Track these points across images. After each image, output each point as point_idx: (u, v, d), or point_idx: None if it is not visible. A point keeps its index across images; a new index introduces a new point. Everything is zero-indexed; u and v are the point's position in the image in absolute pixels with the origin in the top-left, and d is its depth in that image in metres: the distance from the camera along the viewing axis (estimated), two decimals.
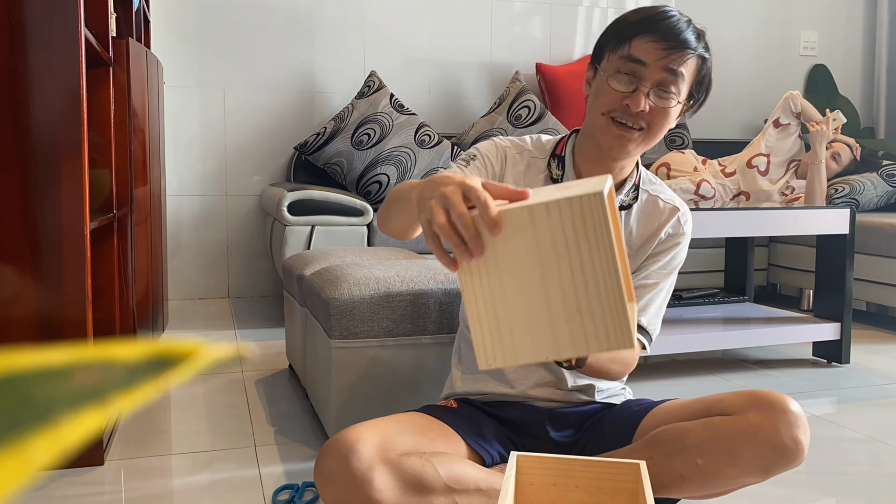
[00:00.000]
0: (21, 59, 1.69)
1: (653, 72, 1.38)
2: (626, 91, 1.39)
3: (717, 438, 1.34)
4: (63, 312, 1.75)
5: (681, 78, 1.39)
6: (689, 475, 1.36)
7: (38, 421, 0.23)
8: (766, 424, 1.30)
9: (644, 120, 1.40)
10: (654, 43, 1.38)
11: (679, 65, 1.38)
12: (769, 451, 1.30)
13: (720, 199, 3.62)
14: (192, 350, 0.27)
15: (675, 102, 1.41)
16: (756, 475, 1.33)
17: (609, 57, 1.43)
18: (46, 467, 0.23)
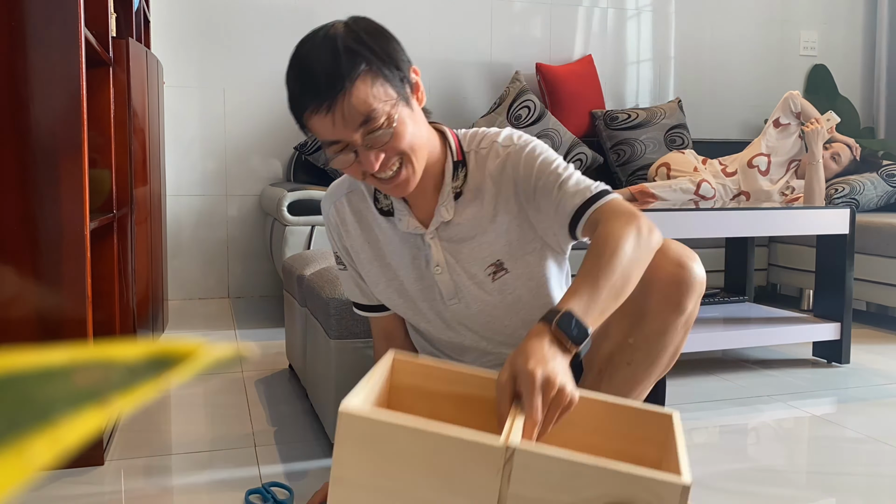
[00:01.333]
0: (21, 59, 1.69)
1: (349, 137, 1.26)
2: (351, 164, 1.30)
3: (628, 313, 1.37)
4: (63, 312, 1.76)
5: (373, 112, 1.25)
6: (630, 358, 1.43)
7: (39, 421, 0.23)
8: (653, 272, 1.34)
9: (393, 158, 1.30)
10: (321, 117, 1.25)
11: (358, 112, 1.24)
12: (666, 289, 1.36)
13: (720, 199, 3.62)
14: (192, 350, 0.27)
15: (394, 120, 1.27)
16: (674, 314, 1.39)
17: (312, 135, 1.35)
18: (47, 467, 0.22)
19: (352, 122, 1.24)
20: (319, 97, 1.23)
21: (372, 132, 1.26)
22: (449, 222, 1.44)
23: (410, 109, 1.32)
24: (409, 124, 1.31)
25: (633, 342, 1.42)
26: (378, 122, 1.25)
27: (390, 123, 1.27)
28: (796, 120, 3.67)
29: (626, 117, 4.18)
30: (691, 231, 2.47)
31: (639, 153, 4.12)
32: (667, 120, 4.23)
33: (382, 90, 1.26)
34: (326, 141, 1.28)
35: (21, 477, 0.22)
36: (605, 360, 1.46)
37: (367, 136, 1.26)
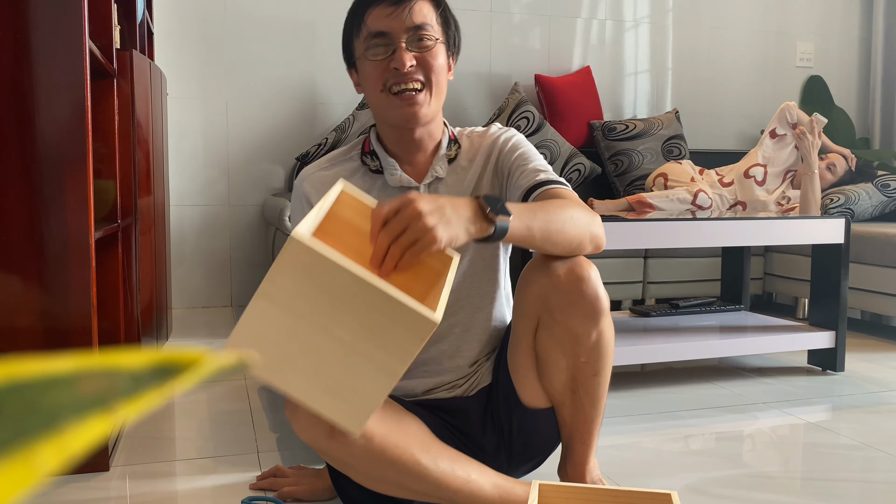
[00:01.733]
0: (26, 71, 1.71)
1: (398, 33, 1.43)
2: (386, 58, 1.44)
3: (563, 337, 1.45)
4: (68, 321, 1.77)
5: (426, 27, 1.44)
6: (595, 370, 1.48)
7: (45, 428, 0.23)
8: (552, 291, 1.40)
9: (419, 74, 1.44)
10: (382, 9, 1.43)
11: (417, 18, 1.44)
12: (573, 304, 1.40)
13: (717, 209, 3.65)
14: (195, 358, 0.27)
15: (437, 41, 1.46)
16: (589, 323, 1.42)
17: (357, 46, 1.49)
18: (53, 473, 0.23)
19: (407, 22, 1.42)
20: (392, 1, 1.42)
21: (421, 39, 1.44)
22: (442, 179, 1.56)
23: (448, 60, 1.50)
24: (444, 63, 1.48)
25: (585, 360, 1.47)
26: (427, 35, 1.45)
27: (434, 44, 1.46)
28: (792, 130, 3.70)
29: (624, 128, 4.21)
30: (688, 240, 2.50)
31: (636, 163, 4.15)
32: (664, 131, 4.26)
33: (440, 23, 1.48)
34: (373, 32, 1.43)
35: (28, 483, 0.22)
36: (571, 384, 1.51)
37: (412, 41, 1.43)
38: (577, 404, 1.52)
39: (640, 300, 3.89)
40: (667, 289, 3.83)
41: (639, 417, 2.30)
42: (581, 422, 1.53)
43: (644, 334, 2.69)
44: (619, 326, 2.83)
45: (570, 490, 1.21)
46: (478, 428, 1.62)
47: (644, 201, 3.56)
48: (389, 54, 1.43)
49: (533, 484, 1.21)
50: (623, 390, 2.59)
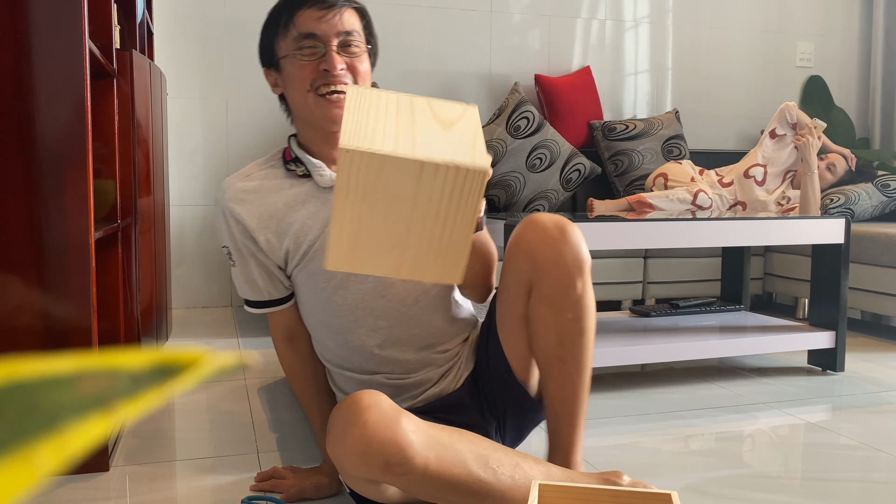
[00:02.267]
0: (26, 70, 1.71)
1: (329, 36, 1.47)
2: (316, 59, 1.47)
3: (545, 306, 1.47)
4: (68, 321, 1.77)
5: (354, 35, 1.50)
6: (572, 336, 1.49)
7: (45, 428, 0.23)
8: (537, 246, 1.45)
9: (347, 78, 1.49)
10: (313, 12, 1.47)
11: (346, 25, 1.49)
12: (548, 260, 1.44)
13: (717, 209, 3.65)
14: (195, 358, 0.27)
15: (362, 50, 1.52)
16: (574, 272, 1.45)
17: (282, 45, 1.51)
18: (52, 473, 0.23)
19: (338, 27, 1.48)
20: (322, 4, 1.48)
21: (346, 44, 1.49)
22: None
23: (367, 60, 1.55)
24: (369, 70, 1.54)
25: (572, 317, 1.49)
26: (355, 41, 1.51)
27: (362, 52, 1.52)
28: (792, 131, 3.70)
29: (624, 128, 4.21)
30: (688, 240, 2.50)
31: (636, 164, 4.15)
32: (664, 131, 4.26)
33: (365, 34, 1.54)
34: (304, 33, 1.47)
35: (28, 483, 0.22)
36: (556, 350, 1.51)
37: (342, 45, 1.49)
38: (563, 374, 1.51)
39: (640, 300, 3.89)
40: (667, 289, 3.83)
41: (639, 417, 2.30)
42: (569, 396, 1.52)
43: (644, 334, 2.69)
44: (620, 326, 2.83)
45: (570, 490, 1.21)
46: (477, 415, 1.63)
47: (644, 201, 3.56)
48: (320, 56, 1.47)
49: (533, 484, 1.21)
50: (623, 390, 2.59)
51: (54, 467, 0.22)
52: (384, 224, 1.10)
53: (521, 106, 4.02)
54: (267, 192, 1.58)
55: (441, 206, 1.09)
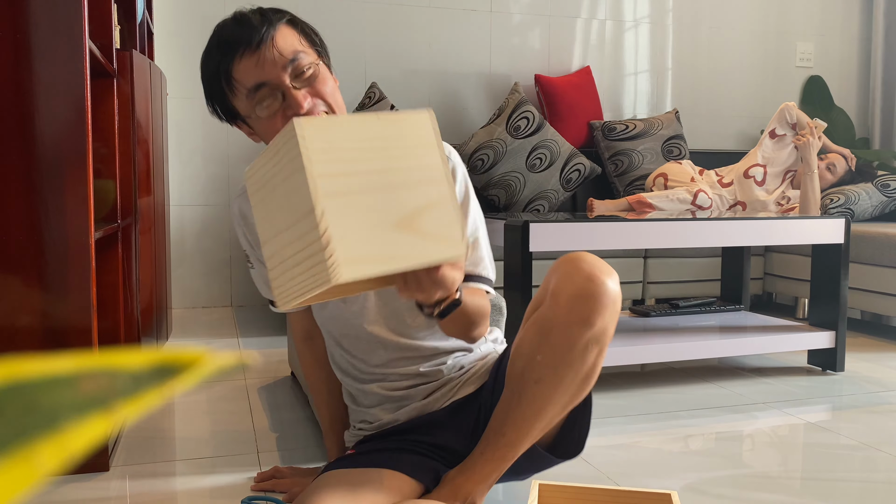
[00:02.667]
0: (26, 71, 1.71)
1: (278, 76, 1.32)
2: (280, 108, 1.34)
3: (538, 327, 1.36)
4: (68, 321, 1.77)
5: (299, 54, 1.34)
6: (539, 376, 1.36)
7: (45, 428, 0.23)
8: (562, 279, 1.33)
9: (319, 106, 1.36)
10: (247, 59, 1.32)
11: (286, 52, 1.33)
12: (573, 300, 1.32)
13: (717, 209, 3.65)
14: (195, 358, 0.27)
15: (318, 65, 1.37)
16: (581, 329, 1.32)
17: (238, 104, 1.38)
18: (53, 473, 0.23)
19: (280, 59, 1.32)
20: (249, 37, 1.32)
21: (299, 72, 1.33)
22: None
23: (331, 74, 1.40)
24: (332, 80, 1.39)
25: (541, 359, 1.36)
26: (304, 63, 1.34)
27: (317, 69, 1.36)
28: (792, 131, 3.70)
29: (624, 128, 4.21)
30: (688, 240, 2.50)
31: (636, 164, 4.15)
32: (664, 131, 4.26)
33: (306, 42, 1.38)
34: (254, 87, 1.33)
35: (28, 483, 0.22)
36: (517, 379, 1.40)
37: (295, 76, 1.33)
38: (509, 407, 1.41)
39: (640, 300, 3.89)
40: (667, 289, 3.83)
41: (639, 417, 2.31)
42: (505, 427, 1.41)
43: (644, 334, 2.69)
44: (620, 326, 2.83)
45: (569, 490, 1.21)
46: (454, 438, 1.52)
47: (644, 201, 3.56)
48: (281, 101, 1.33)
49: (533, 484, 1.20)
50: (623, 390, 2.59)
51: (54, 467, 0.22)
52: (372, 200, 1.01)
53: (521, 106, 4.02)
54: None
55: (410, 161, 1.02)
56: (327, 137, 0.99)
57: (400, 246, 1.00)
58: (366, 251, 0.97)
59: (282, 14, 1.37)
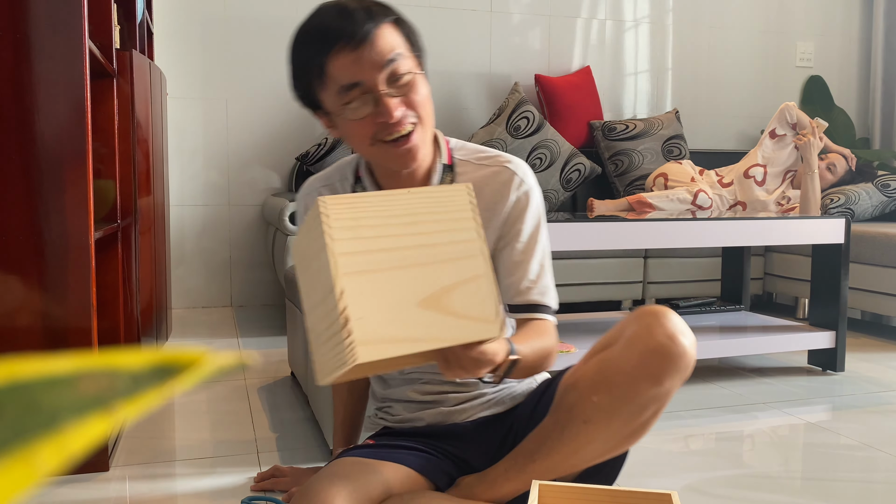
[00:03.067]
0: (26, 70, 1.71)
1: (373, 78, 1.26)
2: (370, 113, 1.28)
3: (602, 368, 1.32)
4: (68, 321, 1.77)
5: (398, 58, 1.27)
6: (590, 416, 1.32)
7: (45, 428, 0.23)
8: (641, 332, 1.28)
9: (410, 117, 1.30)
10: (346, 55, 1.25)
11: (386, 52, 1.26)
12: (648, 353, 1.27)
13: (717, 209, 3.65)
14: (195, 358, 0.27)
15: (416, 73, 1.30)
16: (648, 384, 1.28)
17: (324, 98, 1.32)
18: (53, 473, 0.23)
19: (378, 60, 1.25)
20: (351, 32, 1.25)
21: (395, 77, 1.27)
22: None
23: (425, 80, 1.33)
24: (427, 90, 1.33)
25: (597, 400, 1.31)
26: (402, 68, 1.28)
27: (414, 76, 1.29)
28: (792, 131, 3.70)
29: (624, 128, 4.21)
30: (688, 240, 2.50)
31: (636, 164, 4.15)
32: (664, 131, 4.26)
33: (407, 43, 1.31)
34: (347, 85, 1.27)
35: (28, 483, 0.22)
36: (565, 412, 1.36)
37: (391, 82, 1.27)
38: (548, 434, 1.37)
39: (640, 300, 3.89)
40: (667, 289, 3.83)
41: None
42: (537, 454, 1.38)
43: None
44: None
45: (570, 490, 1.21)
46: (474, 452, 1.49)
47: (644, 201, 3.56)
48: (372, 106, 1.27)
49: (533, 484, 1.20)
50: None
51: (54, 467, 0.22)
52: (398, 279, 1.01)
53: (521, 106, 4.02)
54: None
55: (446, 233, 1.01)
56: (354, 215, 0.99)
57: (426, 326, 0.99)
58: (387, 332, 0.96)
59: (388, 12, 1.30)
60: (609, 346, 1.35)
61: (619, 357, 1.30)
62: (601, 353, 1.35)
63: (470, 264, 1.04)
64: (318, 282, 1.00)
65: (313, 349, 1.04)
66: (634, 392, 1.29)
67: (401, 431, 1.52)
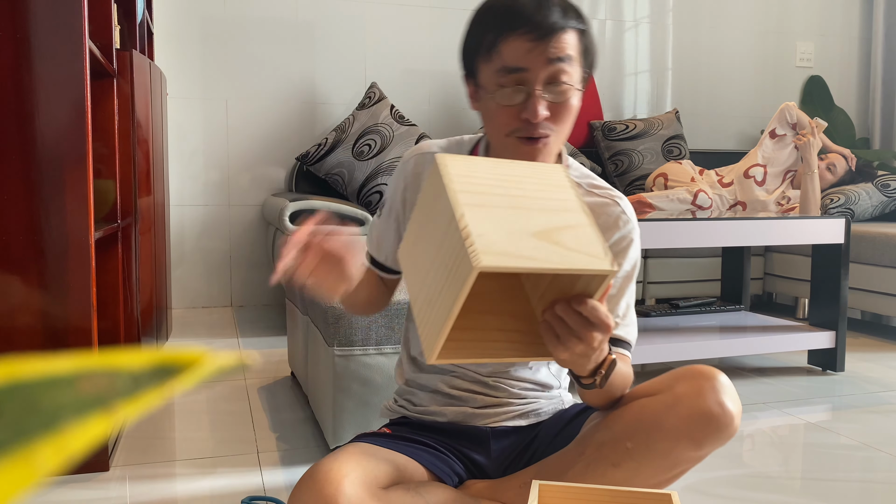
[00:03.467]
0: (26, 71, 1.71)
1: (537, 70, 1.26)
2: (518, 104, 1.28)
3: (643, 418, 1.29)
4: (68, 321, 1.77)
5: (569, 61, 1.27)
6: (620, 461, 1.30)
7: (45, 428, 0.23)
8: (690, 392, 1.25)
9: (548, 126, 1.29)
10: (523, 41, 1.25)
11: (561, 51, 1.26)
12: (695, 417, 1.24)
13: (717, 209, 3.65)
14: (195, 358, 0.27)
15: (574, 90, 1.29)
16: (688, 447, 1.26)
17: (483, 70, 1.31)
18: (52, 473, 0.23)
19: (549, 58, 1.25)
20: (536, 28, 1.25)
21: (559, 85, 1.27)
22: None
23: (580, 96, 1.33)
24: (577, 107, 1.32)
25: (632, 448, 1.29)
26: (566, 73, 1.27)
27: (570, 88, 1.28)
28: (792, 131, 3.70)
29: (624, 128, 4.21)
30: (688, 240, 2.50)
31: (636, 164, 4.15)
32: (664, 131, 4.26)
33: (582, 58, 1.31)
34: (509, 67, 1.26)
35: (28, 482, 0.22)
36: (595, 449, 1.34)
37: (549, 83, 1.27)
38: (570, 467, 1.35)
39: (640, 300, 3.89)
40: (667, 289, 3.83)
41: None
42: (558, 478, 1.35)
43: (644, 334, 2.69)
44: None
45: (569, 490, 1.20)
46: (494, 466, 1.46)
47: (644, 201, 3.56)
48: (522, 100, 1.27)
49: (533, 484, 1.20)
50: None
51: (54, 467, 0.22)
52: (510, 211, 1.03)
53: None
54: None
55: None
56: (468, 171, 1.04)
57: (541, 250, 0.99)
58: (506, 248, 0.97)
59: (581, 19, 1.31)
60: (652, 395, 1.32)
61: (662, 411, 1.28)
62: (643, 400, 1.33)
63: (574, 216, 1.07)
64: (431, 244, 1.03)
65: (421, 322, 1.04)
66: (671, 450, 1.27)
67: (419, 424, 1.49)
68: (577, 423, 1.44)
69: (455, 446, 1.46)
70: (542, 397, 1.52)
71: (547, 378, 1.52)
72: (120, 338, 2.25)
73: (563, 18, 1.26)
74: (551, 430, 1.48)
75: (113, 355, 0.27)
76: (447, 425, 1.49)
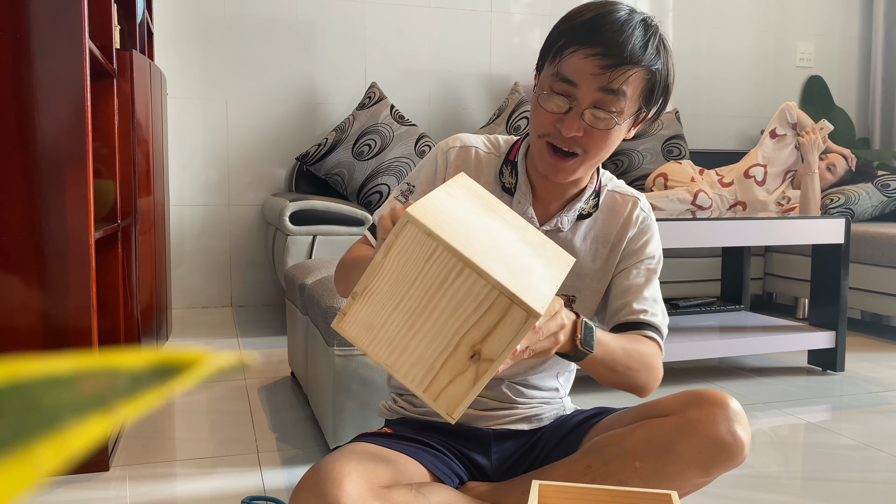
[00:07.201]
0: (26, 70, 1.71)
1: (587, 92, 1.26)
2: (558, 113, 1.28)
3: (653, 439, 1.29)
4: (68, 320, 1.77)
5: (622, 96, 1.26)
6: (627, 479, 1.31)
7: (45, 428, 0.23)
8: (704, 419, 1.26)
9: (579, 145, 1.29)
10: (589, 60, 1.25)
11: (619, 84, 1.25)
12: (707, 445, 1.25)
13: (717, 209, 3.65)
14: (195, 358, 0.27)
15: (616, 123, 1.28)
16: (697, 473, 1.27)
17: (545, 68, 1.33)
18: (52, 473, 0.23)
19: (602, 84, 1.25)
20: (607, 54, 1.24)
21: (603, 112, 1.27)
22: (561, 232, 1.44)
23: (623, 129, 1.33)
24: (616, 139, 1.33)
25: (640, 468, 1.30)
26: (616, 105, 1.27)
27: (611, 119, 1.28)
28: (792, 131, 3.70)
29: None
30: (688, 240, 2.50)
31: (636, 164, 4.15)
32: (664, 131, 4.26)
33: (643, 97, 1.31)
34: (563, 76, 1.27)
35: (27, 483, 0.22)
36: (602, 464, 1.34)
37: (595, 109, 1.26)
38: (573, 477, 1.35)
39: None
40: (666, 289, 3.83)
41: None
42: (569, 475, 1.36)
43: None
44: None
45: (569, 490, 1.20)
46: (494, 468, 1.47)
47: None
48: (563, 112, 1.28)
49: (533, 483, 1.20)
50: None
51: (54, 467, 0.22)
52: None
53: (521, 106, 4.02)
54: (478, 170, 1.46)
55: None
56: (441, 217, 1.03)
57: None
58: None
59: (656, 61, 1.30)
60: (662, 416, 1.32)
61: (675, 436, 1.28)
62: (654, 421, 1.32)
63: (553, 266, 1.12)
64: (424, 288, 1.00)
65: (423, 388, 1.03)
66: (680, 475, 1.28)
67: (420, 424, 1.49)
68: (580, 432, 1.45)
69: (456, 447, 1.46)
70: (545, 402, 1.52)
71: (551, 383, 1.52)
72: (120, 338, 2.25)
73: (637, 52, 1.26)
74: (554, 436, 1.48)
75: (113, 355, 0.27)
76: (449, 426, 1.48)
